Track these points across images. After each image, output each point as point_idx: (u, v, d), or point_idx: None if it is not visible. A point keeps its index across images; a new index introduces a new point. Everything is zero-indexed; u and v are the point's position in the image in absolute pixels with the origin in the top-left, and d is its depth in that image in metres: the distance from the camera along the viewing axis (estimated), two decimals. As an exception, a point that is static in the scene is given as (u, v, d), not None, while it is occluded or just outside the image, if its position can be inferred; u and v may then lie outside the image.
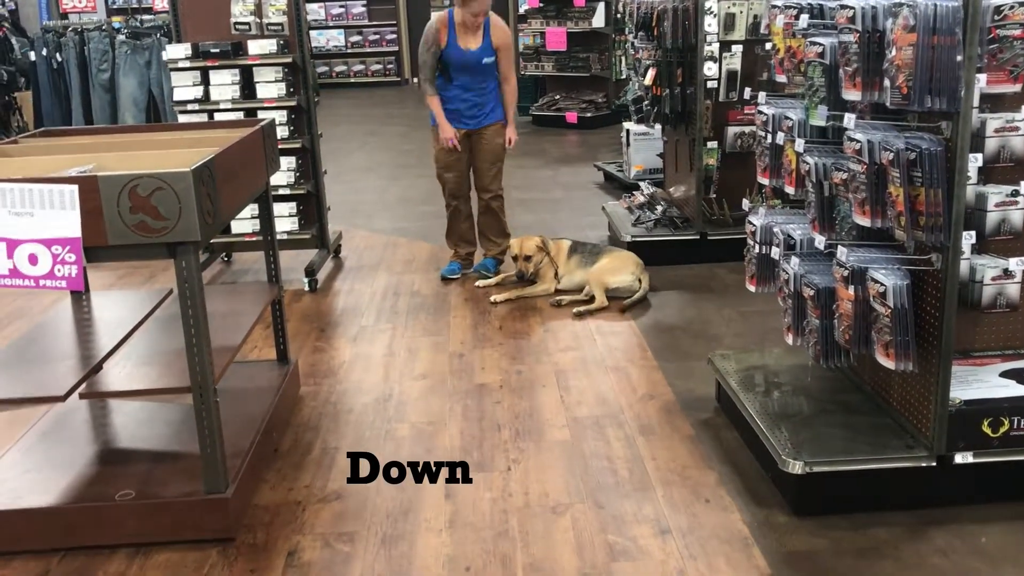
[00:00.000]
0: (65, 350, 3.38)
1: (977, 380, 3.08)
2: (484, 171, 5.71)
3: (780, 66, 3.46)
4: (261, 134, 3.71)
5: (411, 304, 5.36)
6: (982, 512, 3.04)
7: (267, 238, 4.00)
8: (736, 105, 5.71)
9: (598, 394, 4.08)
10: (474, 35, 5.42)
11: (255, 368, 4.16)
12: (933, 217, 2.74)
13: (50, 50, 8.58)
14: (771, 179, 3.58)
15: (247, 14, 5.68)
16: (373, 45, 17.79)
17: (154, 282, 5.95)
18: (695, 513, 3.14)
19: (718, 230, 5.83)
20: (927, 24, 2.61)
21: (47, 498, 3.09)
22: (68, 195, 2.72)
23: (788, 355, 3.86)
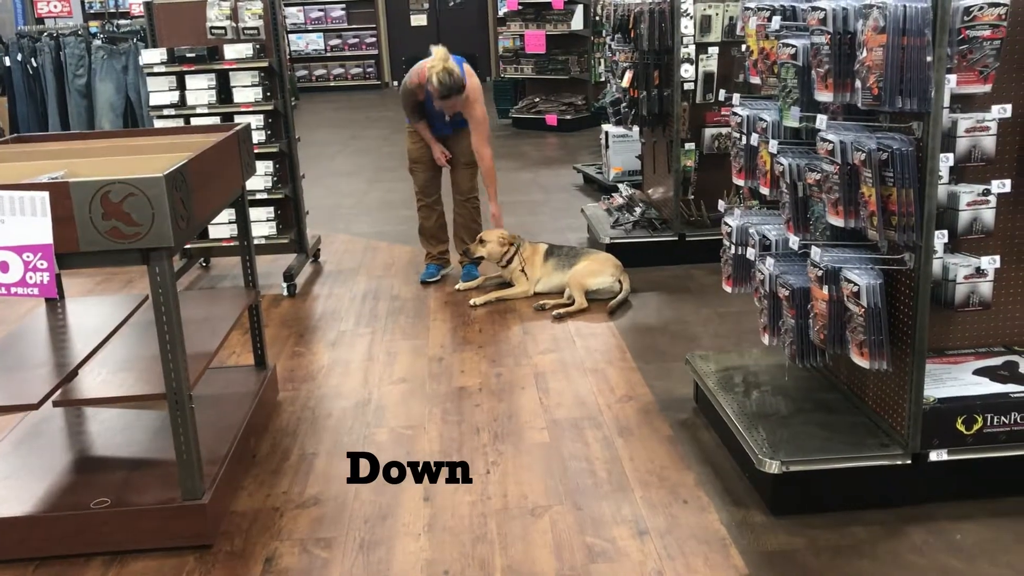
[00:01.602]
0: (39, 357, 3.35)
1: (951, 378, 3.10)
2: (461, 171, 5.73)
3: (754, 68, 3.48)
4: (236, 139, 3.70)
5: (390, 308, 5.35)
6: (957, 509, 3.06)
7: (243, 243, 3.98)
8: (713, 107, 5.74)
9: (577, 396, 4.09)
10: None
11: (233, 374, 4.14)
12: (905, 217, 2.76)
13: (25, 55, 8.52)
14: (746, 180, 3.60)
15: (223, 18, 5.67)
16: (352, 49, 17.77)
17: (132, 287, 5.92)
18: (673, 514, 3.14)
19: (696, 231, 5.85)
20: (897, 25, 2.63)
21: (22, 507, 3.06)
22: (39, 202, 2.70)
23: (765, 355, 3.88)
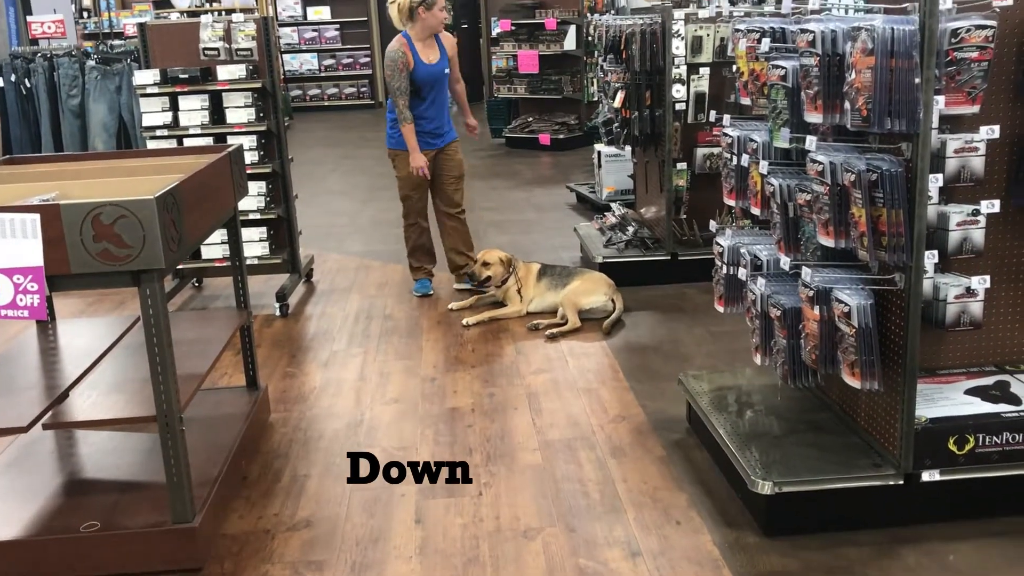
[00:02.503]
0: (29, 380, 3.34)
1: (943, 398, 3.10)
2: (450, 187, 5.80)
3: (744, 89, 3.50)
4: (228, 160, 3.70)
5: (383, 328, 5.34)
6: (950, 530, 3.06)
7: (235, 263, 3.98)
8: (705, 127, 5.76)
9: (570, 416, 4.08)
10: (432, 48, 5.58)
11: (224, 395, 4.12)
12: (895, 237, 2.77)
13: (19, 76, 8.51)
14: (737, 200, 3.61)
15: (216, 39, 5.68)
16: (346, 68, 17.83)
17: (124, 308, 5.90)
18: (666, 535, 3.13)
19: (688, 251, 5.86)
20: (885, 47, 2.65)
21: (11, 530, 3.04)
22: (30, 224, 2.69)
23: (758, 375, 3.87)
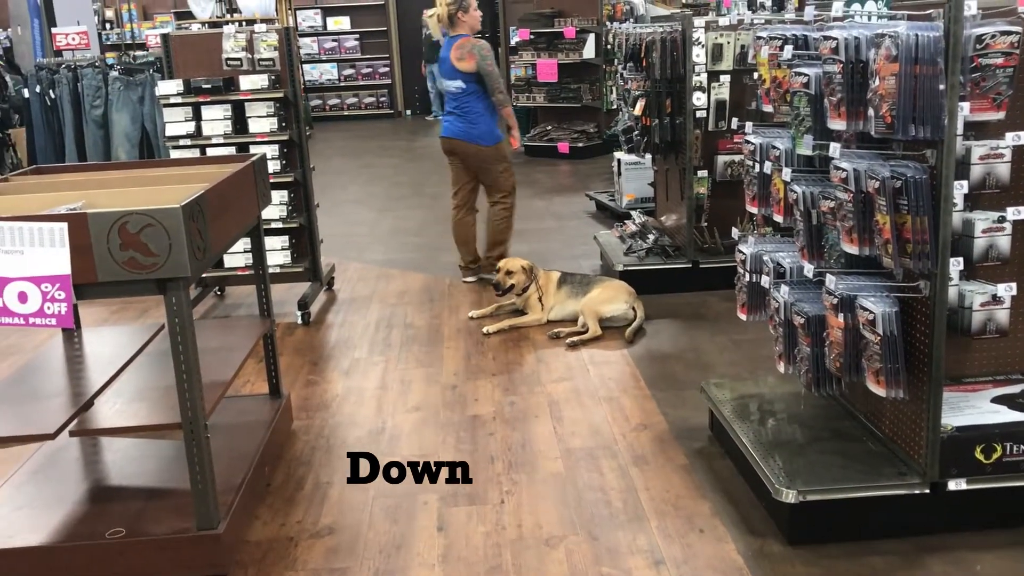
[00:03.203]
0: (55, 387, 3.37)
1: (969, 406, 3.08)
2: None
3: (766, 96, 3.49)
4: (252, 169, 3.73)
5: (404, 336, 5.36)
6: (977, 539, 3.03)
7: (259, 272, 4.00)
8: (725, 134, 5.75)
9: (591, 424, 4.07)
10: None
11: (247, 402, 4.14)
12: (920, 244, 2.75)
13: (44, 87, 8.62)
14: (760, 208, 3.60)
15: (239, 50, 5.73)
16: (366, 78, 17.93)
17: (148, 316, 5.95)
18: (689, 543, 3.12)
19: (710, 258, 5.85)
20: (909, 54, 2.64)
21: (37, 537, 3.07)
22: (57, 233, 2.72)
23: (781, 383, 3.86)
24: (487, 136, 6.05)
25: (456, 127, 6.08)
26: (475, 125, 6.01)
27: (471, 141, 6.05)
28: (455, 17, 5.96)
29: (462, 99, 6.02)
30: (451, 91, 6.08)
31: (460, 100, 6.03)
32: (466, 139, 6.06)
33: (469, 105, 6.00)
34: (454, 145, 6.14)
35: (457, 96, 6.04)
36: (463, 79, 5.97)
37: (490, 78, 5.94)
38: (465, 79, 5.96)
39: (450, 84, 6.06)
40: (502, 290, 5.44)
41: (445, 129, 6.16)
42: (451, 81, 6.05)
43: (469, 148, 6.08)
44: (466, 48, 5.93)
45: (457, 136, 6.08)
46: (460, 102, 6.03)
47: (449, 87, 6.08)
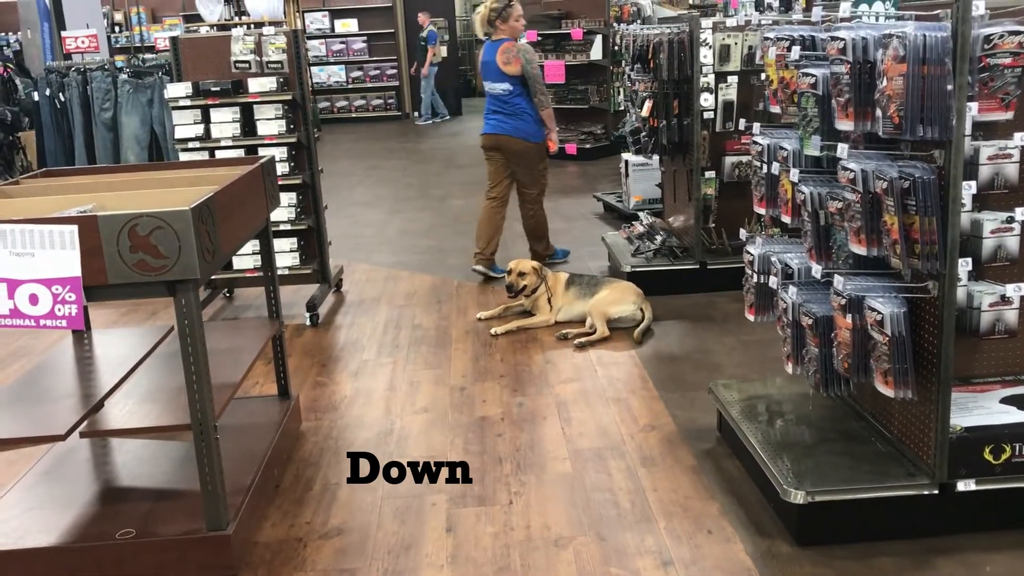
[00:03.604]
0: (66, 389, 3.39)
1: (978, 407, 3.07)
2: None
3: (774, 97, 3.49)
4: (261, 171, 3.74)
5: (412, 337, 5.37)
6: (986, 540, 3.03)
7: (267, 274, 4.02)
8: (733, 135, 5.75)
9: (599, 425, 4.07)
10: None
11: (256, 404, 4.16)
12: (928, 245, 2.75)
13: (53, 90, 8.65)
14: (768, 208, 3.60)
15: (247, 52, 5.75)
16: (373, 80, 17.97)
17: (157, 318, 5.97)
18: (698, 544, 3.12)
19: (717, 259, 5.85)
20: (917, 54, 2.64)
21: (48, 538, 3.08)
22: (68, 235, 2.74)
23: (789, 384, 3.86)
24: (536, 134, 6.32)
25: (505, 125, 6.32)
26: (526, 123, 6.28)
27: (521, 137, 6.31)
28: (495, 22, 6.30)
29: (510, 100, 6.29)
30: (496, 93, 6.35)
31: (508, 101, 6.30)
32: (515, 135, 6.31)
33: (518, 105, 6.28)
34: (500, 141, 6.37)
35: (504, 97, 6.31)
36: (510, 82, 6.24)
37: (534, 81, 6.22)
38: (512, 82, 6.24)
39: (496, 86, 6.32)
40: (515, 291, 5.45)
41: (491, 127, 6.40)
42: (497, 84, 6.31)
43: (517, 144, 6.33)
44: (512, 52, 6.22)
45: (506, 133, 6.33)
46: (508, 103, 6.30)
47: (495, 89, 6.34)
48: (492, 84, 6.35)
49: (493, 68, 6.28)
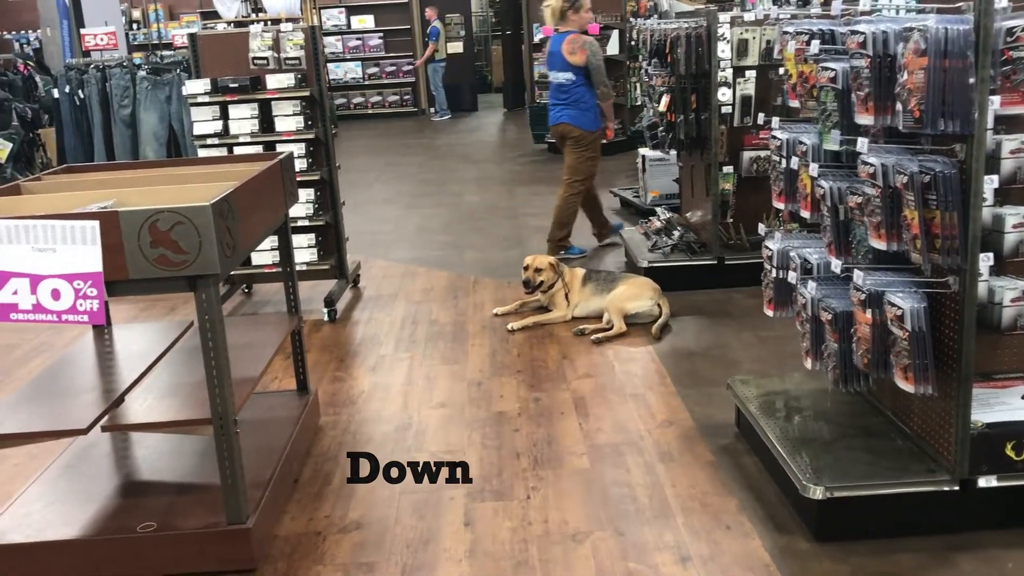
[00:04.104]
0: (87, 383, 3.42)
1: (999, 403, 3.05)
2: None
3: (793, 91, 3.48)
4: (280, 167, 3.76)
5: (429, 333, 5.38)
6: (1008, 537, 3.01)
7: (286, 269, 4.03)
8: (751, 130, 5.73)
9: (617, 421, 4.07)
10: None
11: (275, 398, 4.18)
12: (949, 240, 2.73)
13: (73, 87, 8.71)
14: (786, 203, 3.58)
15: (265, 49, 5.77)
16: (390, 76, 17.98)
17: (176, 314, 6.01)
18: (716, 540, 3.12)
19: (735, 255, 5.83)
20: (938, 48, 2.62)
21: (70, 530, 3.11)
22: (89, 231, 2.76)
23: (808, 380, 3.84)
24: (592, 122, 6.60)
25: (565, 113, 6.62)
26: (585, 112, 6.56)
27: (577, 124, 6.57)
28: (566, 13, 6.54)
29: (571, 89, 6.56)
30: (560, 82, 6.62)
31: (569, 90, 6.57)
32: (572, 123, 6.59)
33: (579, 94, 6.54)
34: (563, 130, 6.69)
35: (566, 87, 6.59)
36: (573, 72, 6.51)
37: (597, 72, 6.50)
38: (575, 71, 6.50)
39: (560, 76, 6.60)
40: (531, 287, 5.45)
41: (553, 117, 6.74)
42: (562, 73, 6.58)
43: (574, 131, 6.60)
44: (577, 44, 6.48)
45: (567, 121, 6.62)
46: (569, 92, 6.57)
47: (559, 78, 6.62)
48: (556, 73, 6.62)
49: (559, 58, 6.55)
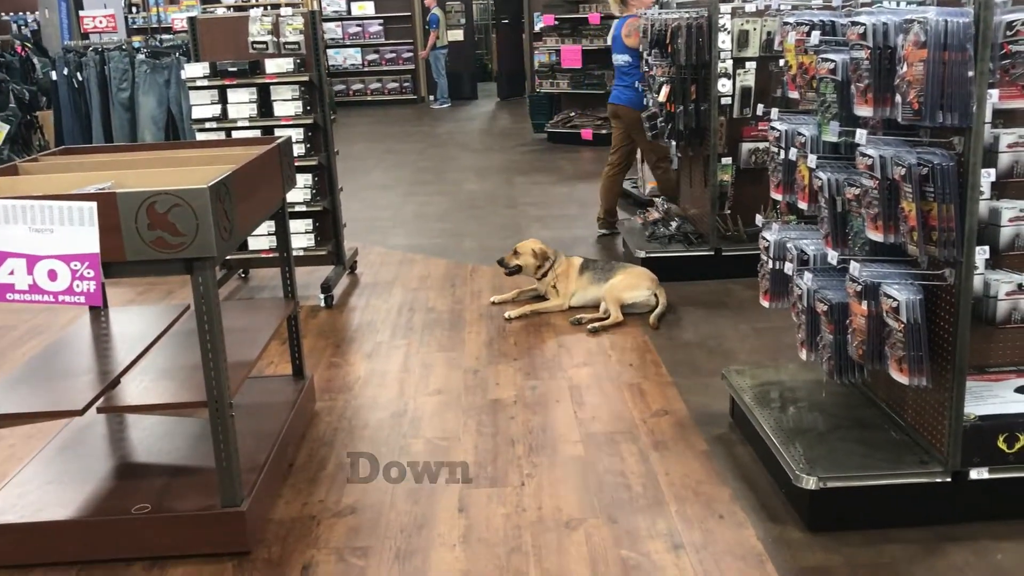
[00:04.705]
0: (83, 365, 3.42)
1: (992, 395, 3.07)
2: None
3: (792, 82, 3.48)
4: (277, 152, 3.75)
5: (426, 320, 5.38)
6: (998, 529, 3.02)
7: (283, 254, 4.03)
8: (750, 121, 5.73)
9: (612, 410, 4.08)
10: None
11: (271, 383, 4.19)
12: (946, 232, 2.74)
13: (71, 69, 8.68)
14: (784, 195, 3.59)
15: (264, 33, 5.75)
16: (389, 63, 17.95)
17: (172, 298, 6.01)
18: (709, 529, 3.13)
19: (733, 246, 5.83)
20: (938, 40, 2.62)
21: (65, 511, 3.12)
22: (87, 212, 2.76)
23: (802, 370, 3.85)
24: (638, 103, 6.65)
25: (624, 95, 6.82)
26: (638, 94, 6.66)
27: (632, 106, 6.73)
28: (627, 0, 6.84)
29: (629, 71, 6.77)
30: (620, 64, 6.88)
31: (627, 72, 6.79)
32: (628, 104, 6.78)
33: (635, 76, 6.69)
34: (618, 111, 6.89)
35: (624, 68, 6.83)
36: (629, 54, 6.75)
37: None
38: (631, 54, 6.72)
39: (619, 58, 6.87)
40: (507, 268, 5.51)
41: (612, 97, 6.97)
42: (620, 55, 6.85)
43: (631, 114, 6.73)
44: (633, 26, 6.67)
45: (624, 103, 6.82)
46: (627, 74, 6.79)
47: (618, 61, 6.89)
48: (616, 56, 6.88)
49: (619, 41, 6.84)
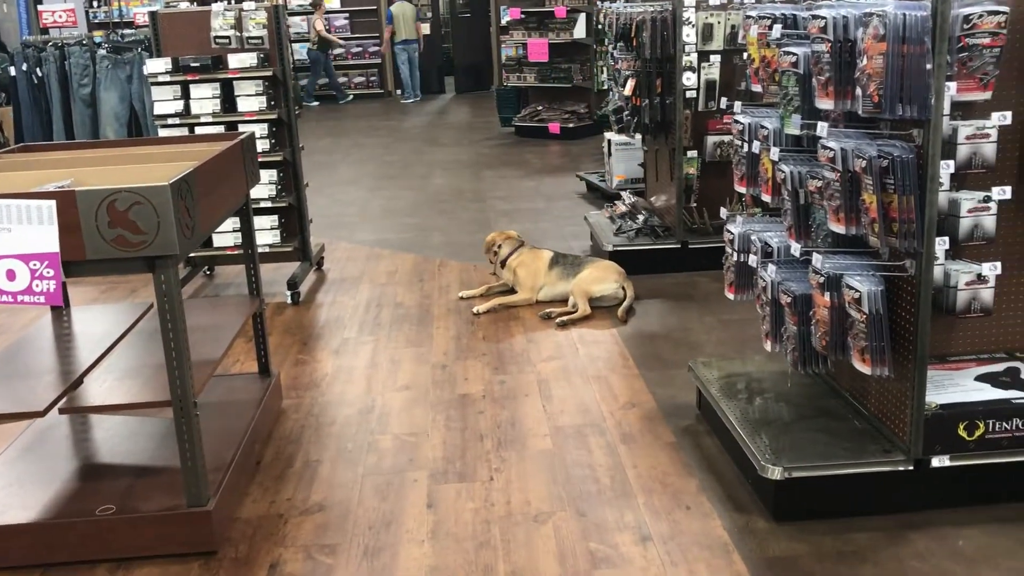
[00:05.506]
0: (45, 365, 3.37)
1: (953, 384, 3.11)
2: None
3: (755, 76, 3.50)
4: (240, 147, 3.72)
5: (394, 316, 5.37)
6: (959, 515, 3.07)
7: (248, 251, 4.00)
8: (715, 114, 5.76)
9: (580, 403, 4.10)
10: None
11: (237, 381, 4.16)
12: (906, 223, 2.77)
13: (30, 65, 8.55)
14: (748, 187, 3.61)
15: (227, 28, 5.70)
16: (356, 58, 17.84)
17: (137, 296, 5.94)
18: (676, 520, 3.15)
19: (699, 239, 5.87)
20: (897, 33, 2.65)
21: (27, 514, 3.08)
22: (46, 210, 2.72)
23: (768, 362, 3.89)
24: None
25: None
26: None
27: None
28: None
29: None
30: None
31: None
32: None
33: None
34: None
35: None
36: None
37: None
38: None
39: None
40: (502, 260, 5.54)
41: None
42: None
43: None
44: None
45: None
46: None
47: None
48: None
49: None
